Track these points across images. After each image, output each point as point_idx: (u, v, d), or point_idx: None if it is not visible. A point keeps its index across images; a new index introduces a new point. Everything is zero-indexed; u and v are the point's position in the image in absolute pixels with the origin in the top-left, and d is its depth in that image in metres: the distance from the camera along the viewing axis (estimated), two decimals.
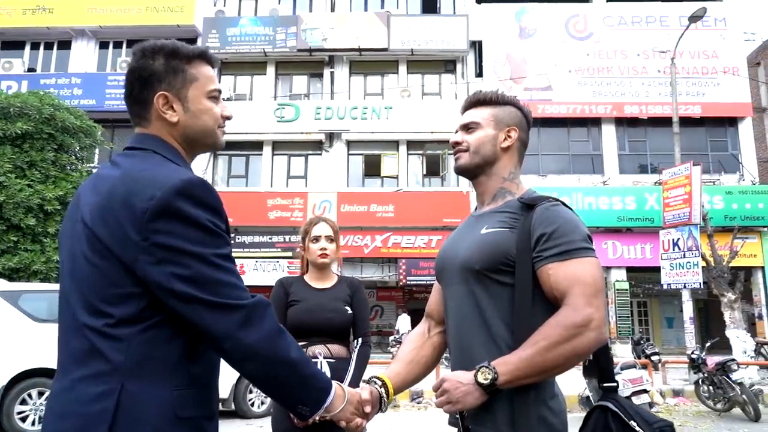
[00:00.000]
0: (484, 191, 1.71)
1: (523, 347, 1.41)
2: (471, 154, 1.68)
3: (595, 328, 1.39)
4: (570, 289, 1.42)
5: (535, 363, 1.39)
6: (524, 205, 1.57)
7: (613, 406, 1.47)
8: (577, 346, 1.39)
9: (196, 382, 1.27)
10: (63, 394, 1.22)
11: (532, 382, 1.42)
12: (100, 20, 19.14)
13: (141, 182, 1.23)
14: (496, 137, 1.67)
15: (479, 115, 1.70)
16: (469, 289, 1.56)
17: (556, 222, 1.50)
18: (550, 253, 1.47)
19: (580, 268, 1.45)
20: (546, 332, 1.40)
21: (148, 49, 1.36)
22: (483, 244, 1.56)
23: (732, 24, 18.72)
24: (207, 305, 1.21)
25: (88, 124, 12.30)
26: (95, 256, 1.23)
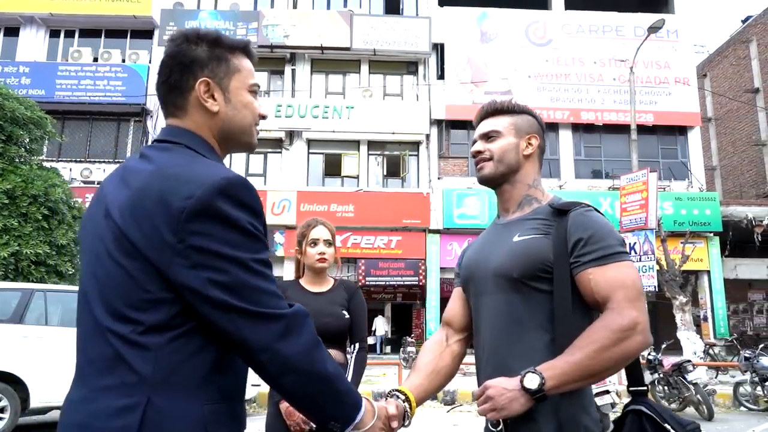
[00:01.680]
0: (508, 199, 1.69)
1: (569, 352, 1.39)
2: (495, 163, 1.66)
3: (641, 331, 1.39)
4: (613, 293, 1.42)
5: (584, 367, 1.37)
6: (556, 210, 1.57)
7: (647, 410, 1.46)
8: (626, 349, 1.38)
9: (226, 395, 1.17)
10: (83, 405, 1.11)
11: (578, 387, 1.41)
12: (51, 7, 18.39)
13: (178, 179, 1.12)
14: (518, 145, 1.67)
15: (499, 124, 1.69)
16: (505, 297, 1.54)
17: (592, 227, 1.49)
18: (589, 258, 1.46)
19: (621, 272, 1.45)
20: (593, 336, 1.39)
21: (191, 35, 1.27)
22: (519, 251, 1.54)
23: (683, 36, 19.41)
24: (244, 314, 1.11)
25: (39, 115, 11.74)
26: (123, 257, 1.11)
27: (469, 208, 17.76)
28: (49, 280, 10.25)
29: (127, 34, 19.21)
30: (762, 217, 17.74)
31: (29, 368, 6.66)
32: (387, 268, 17.79)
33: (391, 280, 18.07)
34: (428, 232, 17.92)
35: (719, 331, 17.34)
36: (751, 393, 9.67)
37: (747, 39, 23.96)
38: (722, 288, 17.81)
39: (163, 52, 1.30)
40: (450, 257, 17.88)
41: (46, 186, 10.71)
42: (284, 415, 2.44)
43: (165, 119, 1.31)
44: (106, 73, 18.08)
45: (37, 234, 10.40)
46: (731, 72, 24.75)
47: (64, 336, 6.93)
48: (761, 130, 22.96)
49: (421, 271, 17.85)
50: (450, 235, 17.88)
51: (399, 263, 17.84)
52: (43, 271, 10.44)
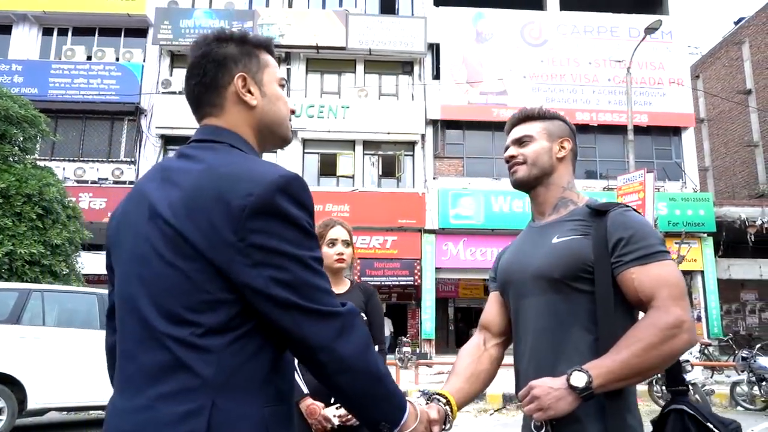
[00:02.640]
0: (543, 202, 1.72)
1: (615, 351, 1.40)
2: (529, 166, 1.69)
3: (687, 329, 1.40)
4: (657, 292, 1.43)
5: (631, 365, 1.38)
6: (594, 211, 1.59)
7: (689, 409, 1.47)
8: (674, 348, 1.39)
9: (283, 397, 1.16)
10: (138, 414, 1.07)
11: (624, 385, 1.42)
12: (44, 5, 18.20)
13: (235, 177, 1.10)
14: (551, 149, 1.70)
15: (531, 129, 1.72)
16: (546, 298, 1.56)
17: (632, 226, 1.51)
18: (631, 257, 1.48)
19: (664, 271, 1.46)
20: (640, 335, 1.40)
21: (219, 35, 1.29)
22: (559, 252, 1.56)
23: (677, 37, 19.51)
24: (306, 312, 1.10)
25: (33, 114, 11.64)
26: (179, 258, 1.09)
27: (465, 209, 17.77)
28: (43, 280, 10.16)
29: (121, 33, 19.06)
30: (755, 218, 17.85)
31: (26, 369, 6.59)
32: (382, 268, 17.76)
33: (387, 280, 18.04)
34: (423, 232, 17.90)
35: (713, 331, 17.44)
36: (748, 393, 9.72)
37: (739, 40, 24.13)
38: (716, 288, 17.91)
39: (191, 56, 1.29)
40: (445, 257, 17.89)
41: (41, 185, 10.61)
42: (305, 414, 2.41)
43: (199, 120, 1.30)
44: (100, 71, 17.95)
45: (31, 233, 10.30)
46: (724, 73, 24.91)
47: (62, 336, 6.87)
48: (753, 131, 23.12)
49: (417, 271, 17.83)
50: (445, 235, 17.88)
51: (394, 263, 17.82)
52: (38, 271, 10.34)
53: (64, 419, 8.43)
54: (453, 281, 21.02)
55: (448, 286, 21.27)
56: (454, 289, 21.89)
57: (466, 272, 18.51)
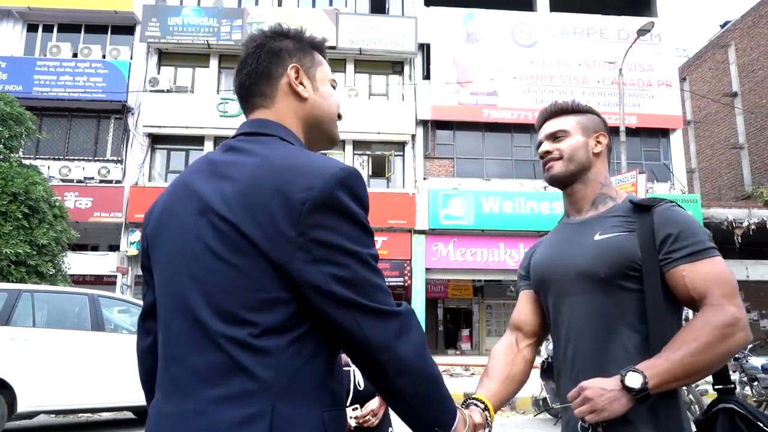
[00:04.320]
0: (581, 198, 1.66)
1: (669, 350, 1.36)
2: (566, 162, 1.64)
3: (743, 327, 1.37)
4: (710, 290, 1.40)
5: (687, 365, 1.33)
6: (637, 207, 1.54)
7: (739, 408, 1.42)
8: (730, 346, 1.35)
9: (338, 401, 1.12)
10: (190, 419, 1.00)
11: (679, 385, 1.38)
12: (28, 1, 17.87)
13: (295, 170, 1.06)
14: (587, 143, 1.65)
15: (566, 124, 1.66)
16: (591, 298, 1.51)
17: (680, 223, 1.47)
18: (681, 254, 1.43)
19: (716, 268, 1.42)
20: (695, 333, 1.35)
21: (275, 30, 1.29)
22: (605, 249, 1.50)
23: (666, 40, 19.67)
24: (366, 311, 1.05)
25: (18, 111, 11.43)
26: (234, 254, 1.03)
27: (455, 209, 17.76)
28: (29, 281, 9.96)
29: (108, 30, 18.80)
30: (741, 219, 18.02)
31: (16, 371, 6.42)
32: None
33: None
34: (414, 232, 17.86)
35: None
36: (740, 393, 9.77)
37: (725, 43, 24.39)
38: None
39: (245, 48, 1.28)
40: (435, 258, 17.86)
41: (27, 184, 10.41)
42: None
43: (248, 114, 1.26)
44: (86, 69, 17.68)
45: (17, 233, 10.10)
46: (710, 76, 25.17)
47: (53, 338, 6.71)
48: (739, 133, 23.38)
49: (407, 271, 17.78)
50: (435, 236, 17.85)
51: (384, 264, 17.73)
52: (24, 272, 10.14)
53: (55, 422, 8.26)
54: (442, 282, 21.02)
55: (437, 286, 21.26)
56: (443, 289, 21.89)
57: (456, 273, 18.51)
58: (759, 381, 9.37)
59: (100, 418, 8.46)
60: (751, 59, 23.07)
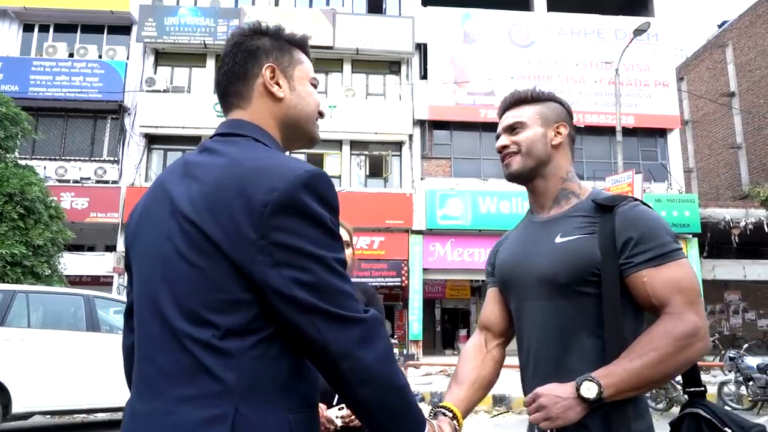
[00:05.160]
0: (543, 194, 1.59)
1: (627, 359, 1.32)
2: (523, 157, 1.56)
3: (703, 336, 1.33)
4: (671, 297, 1.35)
5: (644, 375, 1.30)
6: (599, 206, 1.47)
7: (705, 413, 1.39)
8: (689, 357, 1.32)
9: (306, 403, 1.10)
10: (158, 419, 1.01)
11: (635, 394, 1.34)
12: (24, 1, 17.82)
13: (259, 171, 1.05)
14: (545, 135, 1.57)
15: (523, 114, 1.59)
16: (551, 304, 1.46)
17: (642, 224, 1.40)
18: (642, 258, 1.37)
19: (679, 273, 1.36)
20: (654, 343, 1.31)
21: (254, 28, 1.28)
22: (565, 254, 1.45)
23: (663, 39, 19.68)
24: (328, 317, 1.03)
25: (14, 111, 11.41)
26: (198, 256, 1.03)
27: (452, 209, 17.75)
28: (25, 281, 9.93)
29: (104, 30, 18.76)
30: (739, 219, 18.04)
31: (11, 372, 6.40)
32: (369, 269, 17.66)
33: (374, 281, 17.90)
34: (411, 232, 17.85)
35: None
36: (736, 392, 9.79)
37: (723, 43, 24.43)
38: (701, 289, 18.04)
39: (225, 47, 1.27)
40: (433, 258, 17.85)
41: (22, 184, 10.39)
42: None
43: (226, 113, 1.26)
44: (83, 69, 17.64)
45: (12, 234, 10.09)
46: (708, 76, 25.20)
47: (48, 339, 6.69)
48: (736, 133, 23.41)
49: (404, 272, 17.77)
50: (433, 236, 17.84)
51: (382, 264, 17.73)
52: (19, 272, 10.12)
53: (50, 423, 8.23)
54: (440, 282, 21.00)
55: (434, 287, 21.24)
56: (440, 289, 21.86)
57: (454, 273, 18.49)
58: (754, 381, 9.37)
59: (96, 419, 8.44)
60: (749, 59, 23.10)
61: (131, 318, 1.22)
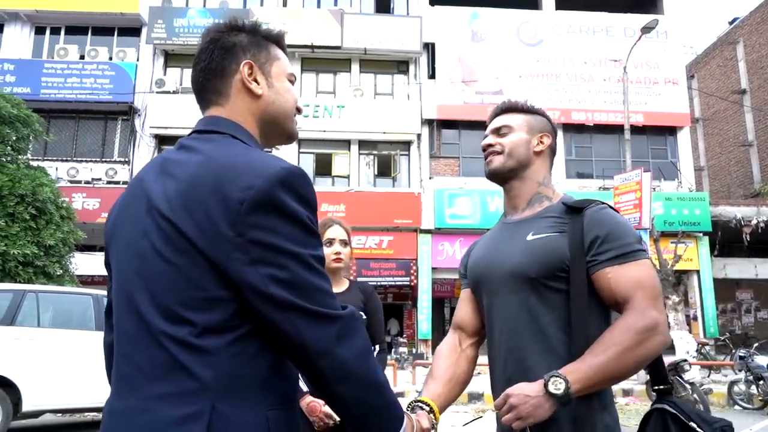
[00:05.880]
0: (517, 195, 1.68)
1: (592, 354, 1.39)
2: (505, 157, 1.66)
3: (662, 331, 1.40)
4: (633, 293, 1.42)
5: (609, 369, 1.37)
6: (569, 208, 1.56)
7: (671, 408, 1.46)
8: (649, 350, 1.39)
9: (286, 400, 1.11)
10: (134, 416, 1.01)
11: (601, 388, 1.42)
12: (36, 3, 18.01)
13: (234, 168, 1.04)
14: (529, 141, 1.67)
15: (512, 120, 1.70)
16: (521, 297, 1.53)
17: (608, 225, 1.49)
18: (607, 256, 1.46)
19: (640, 272, 1.44)
20: (616, 338, 1.38)
21: (231, 23, 1.27)
22: (536, 250, 1.53)
23: (673, 37, 19.54)
24: (305, 314, 1.03)
25: (25, 113, 11.54)
26: (174, 253, 1.03)
27: (461, 208, 17.73)
28: (37, 281, 10.06)
29: (114, 32, 18.92)
30: (750, 217, 17.88)
31: (21, 371, 6.49)
32: (378, 269, 17.69)
33: (383, 281, 17.97)
34: (420, 232, 17.85)
35: (709, 331, 17.45)
36: (746, 392, 9.74)
37: (734, 40, 24.21)
38: (712, 288, 17.92)
39: (200, 43, 1.26)
40: (441, 257, 17.84)
41: (34, 185, 10.52)
42: (306, 411, 2.39)
43: (203, 110, 1.25)
44: (93, 71, 17.80)
45: (24, 234, 10.21)
46: (718, 73, 24.99)
47: (57, 338, 6.77)
48: (748, 130, 23.20)
49: (413, 271, 17.78)
50: (441, 235, 17.83)
51: (390, 263, 17.76)
52: (31, 272, 10.25)
53: (60, 421, 8.33)
54: (449, 281, 20.96)
55: (444, 286, 21.20)
56: (449, 289, 21.82)
57: None
58: (765, 380, 9.31)
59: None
60: (760, 56, 22.89)
61: (110, 316, 1.23)
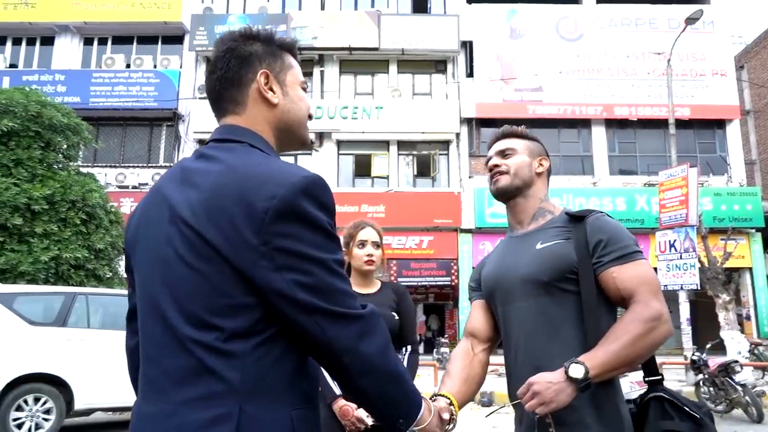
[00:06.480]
0: (522, 211, 1.84)
1: (606, 342, 1.52)
2: (511, 177, 1.82)
3: (666, 320, 1.55)
4: (637, 289, 1.58)
5: (622, 356, 1.50)
6: (572, 217, 1.74)
7: (667, 395, 1.59)
8: (656, 337, 1.54)
9: (308, 400, 1.16)
10: (164, 419, 1.05)
11: (616, 374, 1.55)
12: (84, 16, 18.72)
13: (257, 178, 1.08)
14: (531, 163, 1.85)
15: (515, 144, 1.87)
16: (535, 301, 1.68)
17: (609, 230, 1.66)
18: (610, 257, 1.62)
19: (642, 270, 1.62)
20: (627, 328, 1.53)
21: (247, 33, 1.29)
22: (546, 256, 1.68)
23: (720, 27, 18.92)
24: (330, 315, 1.09)
25: (75, 122, 11.96)
26: (199, 260, 1.07)
27: (501, 207, 16.98)
28: (87, 284, 10.42)
29: (158, 40, 19.46)
30: None
31: (73, 370, 6.75)
32: (419, 269, 17.69)
33: (423, 281, 17.96)
34: (460, 231, 17.77)
35: (763, 330, 16.83)
36: None
37: None
38: (765, 286, 17.27)
39: (215, 51, 1.29)
40: (482, 256, 17.61)
41: (84, 191, 10.89)
42: (339, 415, 2.44)
43: (219, 119, 1.28)
44: (139, 79, 18.35)
45: (75, 238, 10.59)
46: None
47: (106, 338, 7.01)
48: None
49: (454, 271, 17.71)
50: (482, 235, 17.70)
51: (431, 263, 17.73)
52: (82, 275, 10.63)
53: (110, 419, 8.62)
54: None
55: None
56: None
57: None
58: None
59: None
60: None
61: (133, 321, 1.27)
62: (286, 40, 1.33)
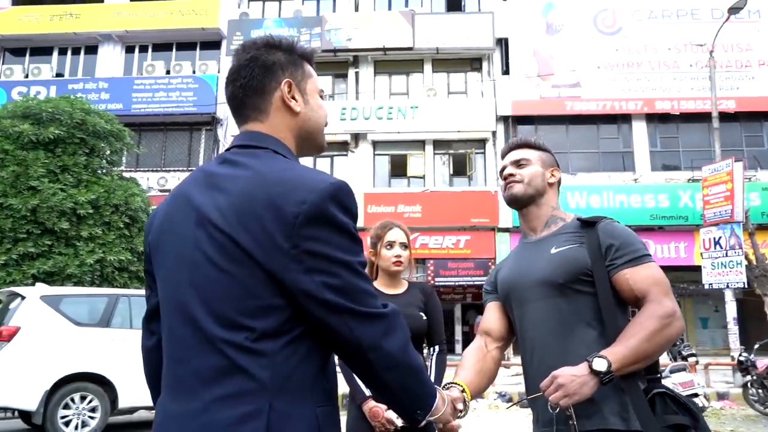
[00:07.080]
0: (535, 218, 1.93)
1: (625, 338, 1.60)
2: (525, 185, 1.90)
3: (679, 317, 1.65)
4: (650, 289, 1.67)
5: (640, 351, 1.58)
6: (584, 223, 1.83)
7: (668, 391, 1.66)
8: (671, 333, 1.63)
9: (330, 397, 1.21)
10: (193, 418, 1.08)
11: (635, 368, 1.60)
12: (126, 24, 19.26)
13: (286, 184, 1.12)
14: (544, 173, 1.93)
15: (529, 155, 1.95)
16: (551, 302, 1.77)
17: (620, 234, 1.76)
18: (623, 260, 1.72)
19: (653, 271, 1.71)
20: (643, 324, 1.61)
21: (269, 42, 1.32)
22: (561, 260, 1.78)
23: (766, 16, 18.28)
24: (357, 315, 1.14)
25: (118, 128, 12.33)
26: (230, 263, 1.10)
27: None
28: (131, 286, 10.72)
29: (197, 46, 19.87)
30: None
31: (117, 370, 6.95)
32: (456, 268, 17.60)
33: (461, 281, 17.87)
34: (497, 230, 17.60)
35: None
36: None
37: None
38: None
39: (237, 59, 1.31)
40: None
41: (127, 195, 11.22)
42: (369, 416, 2.45)
43: (240, 125, 1.31)
44: (178, 84, 18.77)
45: (119, 241, 10.91)
46: None
47: None
48: None
49: (491, 270, 17.53)
50: (519, 234, 17.45)
51: (468, 263, 17.61)
52: (126, 277, 10.94)
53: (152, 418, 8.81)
54: None
55: None
56: None
57: None
58: None
59: None
60: None
61: (151, 322, 1.31)
62: (306, 50, 1.36)
